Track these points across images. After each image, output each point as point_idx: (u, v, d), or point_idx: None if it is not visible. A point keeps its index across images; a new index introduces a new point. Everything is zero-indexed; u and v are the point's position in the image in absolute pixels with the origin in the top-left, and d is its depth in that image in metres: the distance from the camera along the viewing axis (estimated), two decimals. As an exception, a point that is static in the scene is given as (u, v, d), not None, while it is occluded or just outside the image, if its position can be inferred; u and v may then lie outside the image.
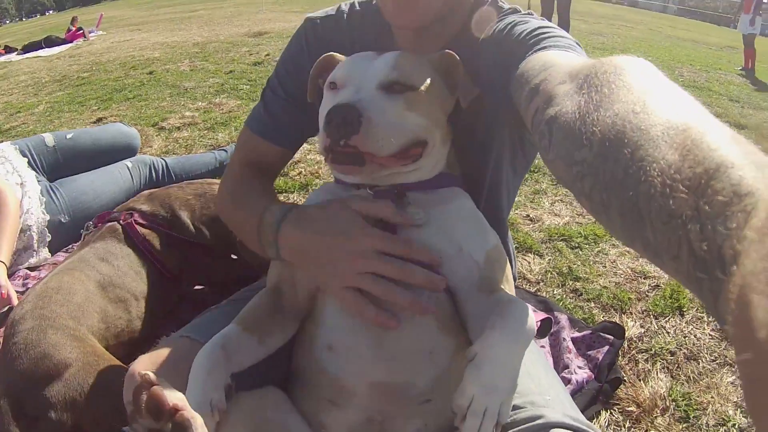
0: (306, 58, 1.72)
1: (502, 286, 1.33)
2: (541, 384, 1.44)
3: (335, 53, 1.53)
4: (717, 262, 0.52)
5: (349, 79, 1.34)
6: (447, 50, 1.44)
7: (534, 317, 1.19)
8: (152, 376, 1.14)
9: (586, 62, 1.01)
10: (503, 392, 1.08)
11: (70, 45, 14.84)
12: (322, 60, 1.53)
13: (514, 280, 2.03)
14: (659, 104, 0.73)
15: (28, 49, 14.65)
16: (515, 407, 1.31)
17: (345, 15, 1.76)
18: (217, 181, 2.91)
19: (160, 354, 1.49)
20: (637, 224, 0.66)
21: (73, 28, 16.32)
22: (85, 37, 15.83)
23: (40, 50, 14.31)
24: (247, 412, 1.26)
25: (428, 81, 1.36)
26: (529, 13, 1.56)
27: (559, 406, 1.36)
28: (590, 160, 0.78)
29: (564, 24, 11.48)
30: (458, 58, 1.42)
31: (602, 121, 0.77)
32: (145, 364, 1.56)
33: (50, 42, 14.86)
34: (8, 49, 15.41)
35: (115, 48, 12.95)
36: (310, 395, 1.35)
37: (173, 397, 1.11)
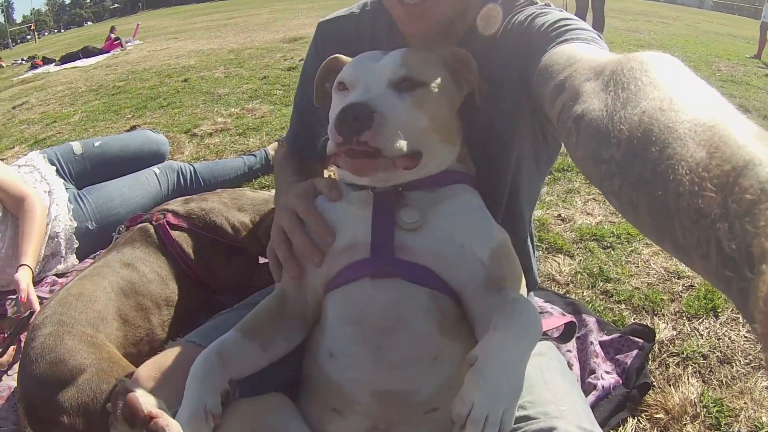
0: (318, 64, 1.73)
1: (510, 284, 1.29)
2: (557, 392, 1.39)
3: (340, 55, 1.53)
4: (746, 261, 0.52)
5: (358, 79, 1.33)
6: (457, 47, 1.43)
7: (541, 317, 1.16)
8: (128, 383, 1.15)
9: (612, 58, 1.00)
10: (506, 398, 1.02)
11: (107, 55, 15.09)
12: (327, 63, 1.53)
13: (536, 284, 2.00)
14: (686, 101, 0.73)
15: (65, 59, 14.92)
16: (527, 418, 1.27)
17: (356, 16, 1.78)
18: (251, 192, 2.91)
19: (165, 358, 1.52)
20: (667, 223, 0.66)
21: (113, 36, 16.56)
22: (122, 46, 16.06)
23: (78, 61, 14.57)
24: (245, 417, 1.24)
25: (437, 77, 1.35)
26: (546, 5, 1.55)
27: (574, 417, 1.30)
28: (618, 158, 0.78)
29: (599, 22, 11.38)
30: (470, 55, 1.40)
31: (629, 119, 0.78)
32: (150, 368, 1.58)
33: (87, 52, 15.11)
34: (46, 60, 15.70)
35: (151, 57, 13.13)
36: (315, 403, 1.32)
37: (149, 404, 1.11)
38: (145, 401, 1.11)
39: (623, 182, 0.77)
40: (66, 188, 3.52)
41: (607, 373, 2.28)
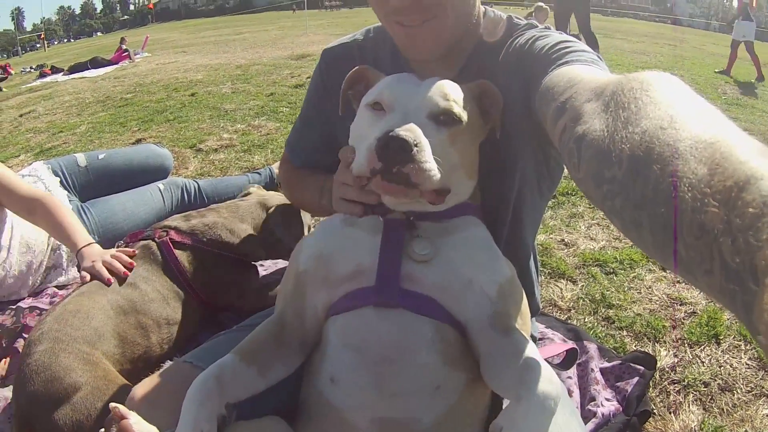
0: (322, 90, 1.81)
1: (517, 324, 1.28)
2: (556, 422, 1.37)
3: (369, 67, 1.52)
4: (749, 274, 0.52)
5: (397, 103, 1.32)
6: (482, 81, 1.43)
7: (558, 379, 1.14)
8: (122, 409, 1.14)
9: (612, 78, 1.00)
10: None
11: (115, 66, 15.15)
12: (354, 73, 1.52)
13: (539, 310, 1.99)
14: (686, 118, 0.73)
15: (74, 69, 14.98)
16: None
17: (359, 42, 1.81)
18: (241, 201, 2.92)
19: (161, 379, 1.50)
20: (670, 240, 0.66)
21: (124, 47, 16.64)
22: (130, 58, 16.11)
23: (86, 71, 14.64)
24: None
25: (470, 114, 1.35)
26: (547, 27, 1.56)
27: None
28: (620, 177, 0.78)
29: (590, 42, 11.38)
30: (497, 89, 1.41)
31: (630, 139, 0.78)
32: (145, 389, 1.56)
33: (96, 63, 15.19)
34: (55, 70, 15.76)
35: (159, 70, 13.19)
36: (313, 428, 1.31)
37: (142, 430, 1.11)
38: (139, 429, 1.10)
39: (625, 202, 0.77)
40: (69, 200, 3.51)
41: (608, 400, 2.26)
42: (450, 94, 1.32)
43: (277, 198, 3.01)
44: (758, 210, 0.53)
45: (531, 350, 1.18)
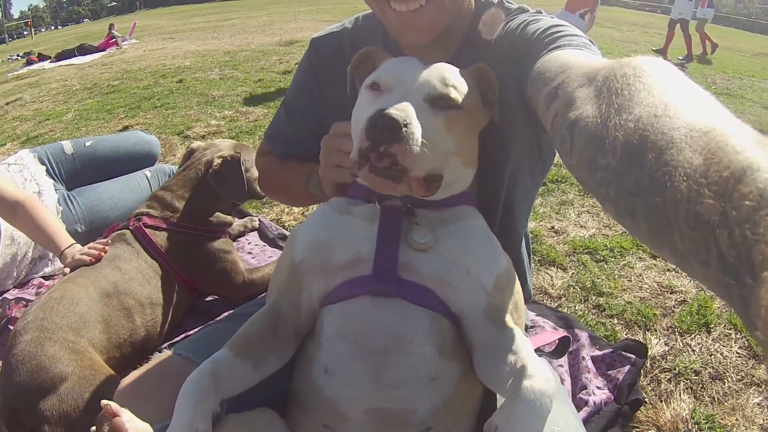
0: (312, 79, 1.78)
1: (511, 317, 1.26)
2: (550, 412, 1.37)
3: (376, 48, 1.49)
4: (746, 268, 0.52)
5: (396, 84, 1.28)
6: (480, 64, 1.39)
7: (552, 375, 1.12)
8: (114, 406, 1.12)
9: (605, 63, 0.99)
10: None
11: (102, 53, 15.03)
12: (362, 53, 1.48)
13: (530, 297, 1.98)
14: (680, 106, 0.72)
15: (61, 57, 14.86)
16: None
17: (348, 30, 1.77)
18: (192, 168, 2.94)
19: (150, 371, 1.47)
20: (665, 230, 0.66)
21: (114, 32, 16.53)
22: (117, 45, 16.00)
23: (73, 58, 14.52)
24: None
25: (470, 100, 1.32)
26: (538, 11, 1.55)
27: None
28: (614, 165, 0.77)
29: None
30: (492, 72, 1.38)
31: (624, 126, 0.77)
32: (134, 381, 1.53)
33: (83, 50, 15.07)
34: (42, 57, 15.65)
35: (146, 56, 13.11)
36: (305, 418, 1.29)
37: (135, 429, 1.09)
38: (132, 426, 1.08)
39: (620, 190, 0.76)
40: (56, 189, 3.48)
41: (599, 388, 2.27)
42: (449, 78, 1.29)
43: (216, 149, 3.01)
44: (755, 203, 0.53)
45: (526, 346, 1.16)
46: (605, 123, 0.81)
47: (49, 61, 14.97)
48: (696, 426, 2.18)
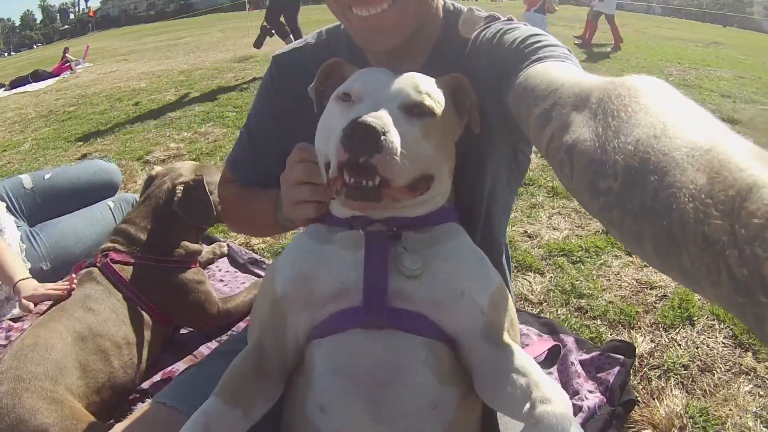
0: (273, 96, 1.73)
1: (508, 333, 1.22)
2: None
3: (343, 61, 1.46)
4: (759, 286, 0.51)
5: (367, 94, 1.24)
6: (455, 74, 1.37)
7: (566, 395, 1.09)
8: None
9: (596, 82, 0.96)
10: None
11: (57, 78, 14.80)
12: (328, 65, 1.44)
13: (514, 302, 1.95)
14: (679, 125, 0.71)
15: (15, 84, 14.59)
16: None
17: (311, 45, 1.73)
18: (154, 196, 2.85)
19: (135, 423, 1.41)
20: (673, 252, 0.64)
21: (69, 56, 16.34)
22: (72, 69, 15.79)
23: (28, 85, 14.27)
24: None
25: (445, 108, 1.29)
26: (510, 19, 1.52)
27: None
28: (616, 189, 0.75)
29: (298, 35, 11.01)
30: (467, 81, 1.36)
31: (623, 149, 0.76)
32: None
33: (37, 76, 14.84)
34: (-5, 85, 15.39)
35: (101, 80, 12.93)
36: None
37: None
38: None
39: (624, 213, 0.74)
40: (18, 226, 3.38)
41: (591, 392, 2.26)
42: (422, 86, 1.26)
43: (176, 174, 2.93)
44: (763, 220, 0.52)
45: (531, 365, 1.13)
46: (604, 146, 0.80)
47: (3, 89, 14.73)
48: (691, 420, 2.19)
